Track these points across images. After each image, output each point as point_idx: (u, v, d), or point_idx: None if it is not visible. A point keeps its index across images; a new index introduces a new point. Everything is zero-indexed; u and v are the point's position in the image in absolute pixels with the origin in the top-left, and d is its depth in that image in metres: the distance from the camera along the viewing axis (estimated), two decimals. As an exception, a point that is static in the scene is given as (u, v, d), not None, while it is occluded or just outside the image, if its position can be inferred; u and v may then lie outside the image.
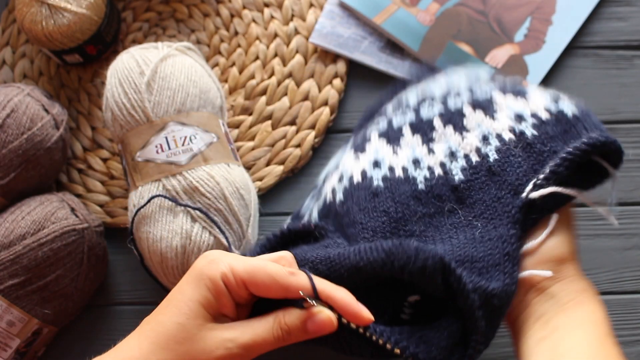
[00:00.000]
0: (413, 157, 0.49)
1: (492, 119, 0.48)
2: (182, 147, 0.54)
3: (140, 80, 0.54)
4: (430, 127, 0.50)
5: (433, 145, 0.49)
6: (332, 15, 0.66)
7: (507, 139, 0.47)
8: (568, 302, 0.43)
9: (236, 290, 0.38)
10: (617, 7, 0.67)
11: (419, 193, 0.47)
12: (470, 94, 0.50)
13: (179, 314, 0.37)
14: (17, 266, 0.52)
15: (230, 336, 0.37)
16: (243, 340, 0.37)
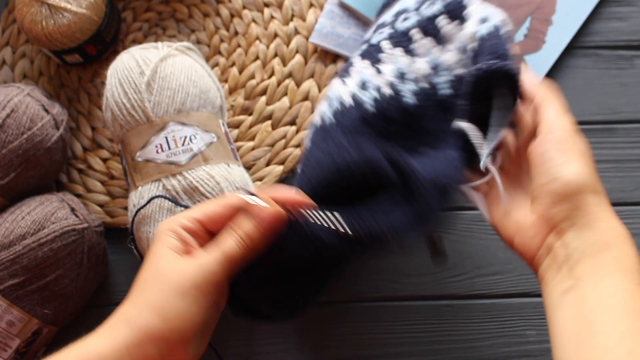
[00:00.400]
0: (359, 81, 0.48)
1: (440, 47, 0.49)
2: (182, 147, 0.54)
3: (140, 80, 0.54)
4: (409, 39, 0.49)
5: (380, 66, 0.48)
6: (332, 15, 0.66)
7: (455, 75, 0.48)
8: (593, 244, 0.38)
9: (196, 232, 0.40)
10: (617, 7, 0.67)
11: (368, 116, 0.46)
12: (443, 3, 0.49)
13: (153, 261, 0.39)
14: (17, 266, 0.52)
15: (202, 259, 0.38)
16: (212, 258, 0.38)
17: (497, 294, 0.59)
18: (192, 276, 0.37)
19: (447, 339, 0.58)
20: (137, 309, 0.38)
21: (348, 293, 0.59)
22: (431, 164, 0.43)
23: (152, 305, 0.37)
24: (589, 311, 0.36)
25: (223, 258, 0.38)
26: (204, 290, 0.37)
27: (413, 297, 0.59)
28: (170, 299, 0.37)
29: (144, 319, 0.37)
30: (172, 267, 0.38)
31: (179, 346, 0.37)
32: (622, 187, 0.62)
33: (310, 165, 0.44)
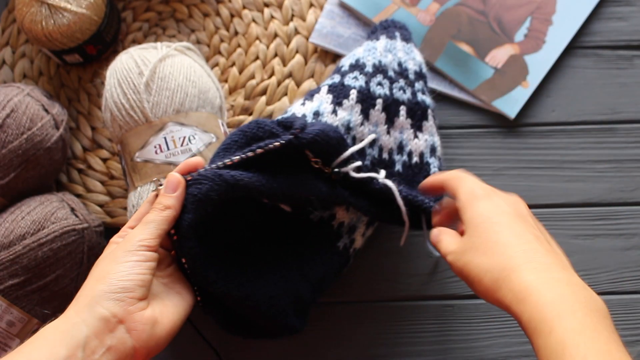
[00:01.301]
0: (348, 122, 0.54)
1: (414, 135, 0.57)
2: (180, 148, 0.54)
3: (139, 80, 0.54)
4: (372, 105, 0.55)
5: (338, 109, 0.54)
6: (332, 15, 0.66)
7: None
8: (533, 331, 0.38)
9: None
10: (617, 7, 0.67)
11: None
12: (410, 96, 0.57)
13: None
14: (17, 266, 0.52)
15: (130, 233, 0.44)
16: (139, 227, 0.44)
17: (497, 294, 0.59)
18: (122, 246, 0.43)
19: (447, 339, 0.58)
20: (83, 287, 0.43)
21: (348, 294, 0.59)
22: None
23: (94, 277, 0.42)
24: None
25: (144, 223, 0.44)
26: (134, 252, 0.43)
27: (413, 297, 0.59)
28: (107, 266, 0.42)
29: (88, 289, 0.42)
30: (107, 252, 0.45)
31: (130, 305, 0.41)
32: (622, 187, 0.62)
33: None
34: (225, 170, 0.45)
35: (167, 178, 0.45)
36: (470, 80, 0.64)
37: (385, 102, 0.55)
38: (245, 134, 0.48)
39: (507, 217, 0.44)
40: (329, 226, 0.54)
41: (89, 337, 0.39)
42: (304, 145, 0.48)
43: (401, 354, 0.58)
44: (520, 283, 0.39)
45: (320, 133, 0.48)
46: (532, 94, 0.64)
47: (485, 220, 0.44)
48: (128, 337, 0.40)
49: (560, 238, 0.60)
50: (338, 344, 0.58)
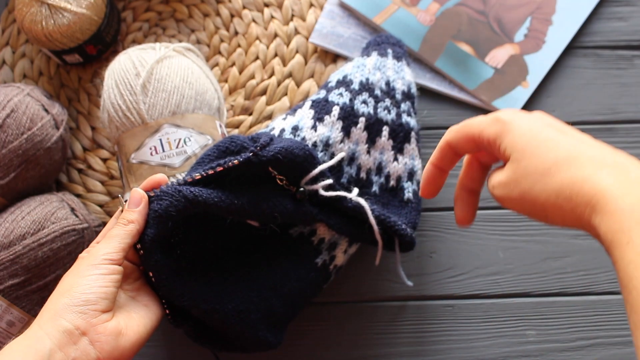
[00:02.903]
0: (327, 138, 0.54)
1: (394, 158, 0.56)
2: (176, 150, 0.54)
3: (135, 81, 0.54)
4: (355, 122, 0.55)
5: (319, 124, 0.54)
6: (332, 15, 0.66)
7: (389, 185, 0.56)
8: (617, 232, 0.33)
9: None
10: (617, 7, 0.67)
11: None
12: (395, 117, 0.57)
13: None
14: (17, 266, 0.52)
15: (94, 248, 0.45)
16: (103, 242, 0.45)
17: (497, 294, 0.59)
18: (87, 260, 0.44)
19: (447, 339, 0.58)
20: (48, 300, 0.43)
21: (348, 293, 0.59)
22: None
23: (59, 291, 0.43)
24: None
25: (108, 238, 0.45)
26: (98, 266, 0.43)
27: (413, 297, 0.59)
28: (72, 280, 0.43)
29: (52, 302, 0.42)
30: (74, 267, 0.45)
31: (93, 317, 0.42)
32: (622, 187, 0.62)
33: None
34: (186, 186, 0.46)
35: (130, 194, 0.47)
36: (470, 80, 0.64)
37: (368, 121, 0.55)
38: (219, 148, 0.49)
39: (552, 129, 0.39)
40: (309, 242, 0.53)
41: (53, 350, 0.40)
42: (265, 162, 0.47)
43: (401, 354, 0.58)
44: (596, 192, 0.34)
45: (283, 151, 0.48)
46: (532, 94, 0.64)
47: (533, 138, 0.38)
48: (92, 348, 0.41)
49: (560, 238, 0.61)
50: (338, 344, 0.58)
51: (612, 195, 0.34)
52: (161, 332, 0.56)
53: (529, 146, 0.38)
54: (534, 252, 0.60)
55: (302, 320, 0.58)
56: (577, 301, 0.59)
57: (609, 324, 0.58)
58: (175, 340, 0.58)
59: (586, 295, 0.59)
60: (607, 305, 0.59)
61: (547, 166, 0.37)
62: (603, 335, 0.58)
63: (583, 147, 0.37)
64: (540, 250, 0.60)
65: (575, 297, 0.59)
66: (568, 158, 0.37)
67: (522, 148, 0.38)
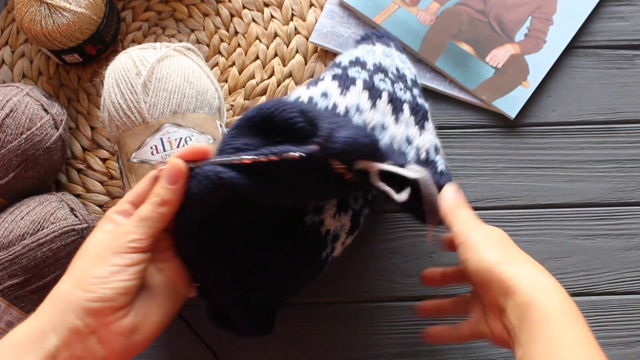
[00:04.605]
0: (357, 105, 0.50)
1: (419, 133, 0.52)
2: (177, 149, 0.53)
3: (136, 81, 0.54)
4: (379, 95, 0.52)
5: (347, 92, 0.51)
6: (332, 14, 0.66)
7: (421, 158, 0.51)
8: (520, 306, 0.39)
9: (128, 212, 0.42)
10: (618, 7, 0.67)
11: None
12: (410, 98, 0.54)
13: (86, 243, 0.41)
14: (16, 266, 0.52)
15: (120, 228, 0.40)
16: (132, 223, 0.40)
17: (498, 294, 0.59)
18: (110, 244, 0.39)
19: (447, 339, 0.58)
20: (59, 285, 0.39)
21: (348, 293, 0.59)
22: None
23: (72, 277, 0.38)
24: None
25: (137, 220, 0.40)
26: (122, 255, 0.38)
27: (413, 297, 0.59)
28: (88, 268, 0.38)
29: (63, 291, 0.38)
30: (94, 242, 0.40)
31: (107, 315, 0.37)
32: (623, 187, 0.62)
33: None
34: (229, 170, 0.41)
35: (169, 164, 0.41)
36: (470, 80, 0.64)
37: (391, 96, 0.52)
38: (260, 112, 0.44)
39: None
40: (318, 232, 0.51)
41: (59, 348, 0.37)
42: (330, 156, 0.41)
43: (401, 354, 0.58)
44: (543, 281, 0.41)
45: (350, 141, 0.41)
46: (532, 93, 0.64)
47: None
48: (100, 348, 0.38)
49: (560, 238, 0.60)
50: (337, 344, 0.58)
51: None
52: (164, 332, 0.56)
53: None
54: (535, 252, 0.60)
55: (302, 320, 0.58)
56: (577, 301, 0.58)
57: (609, 324, 0.58)
58: (176, 340, 0.58)
59: (587, 296, 0.59)
60: (607, 305, 0.59)
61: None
62: (604, 336, 0.58)
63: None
64: (541, 250, 0.60)
65: (575, 297, 0.59)
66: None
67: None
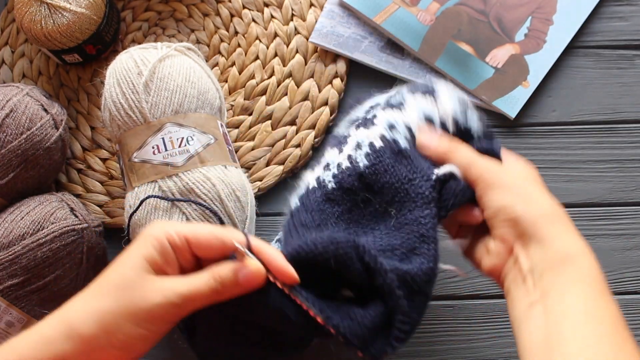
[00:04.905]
0: (325, 164, 0.49)
1: (400, 112, 0.48)
2: (178, 149, 0.53)
3: (138, 80, 0.54)
4: (346, 136, 0.50)
5: (343, 147, 0.49)
6: (332, 14, 0.66)
7: (415, 129, 0.47)
8: (555, 257, 0.40)
9: (180, 249, 0.39)
10: (618, 7, 0.67)
11: (330, 193, 0.47)
12: (386, 102, 0.51)
13: (123, 265, 0.39)
14: (16, 266, 0.52)
15: (169, 285, 0.38)
16: (180, 290, 0.38)
17: (497, 294, 0.59)
18: (152, 304, 0.37)
19: (447, 339, 0.58)
20: (84, 315, 0.37)
21: (348, 293, 0.59)
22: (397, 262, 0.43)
23: (101, 317, 0.37)
24: (554, 322, 0.38)
25: (187, 292, 0.38)
26: (156, 321, 0.38)
27: (413, 298, 0.59)
28: (120, 318, 0.37)
29: (87, 329, 0.37)
30: (137, 284, 0.38)
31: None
32: (623, 187, 0.62)
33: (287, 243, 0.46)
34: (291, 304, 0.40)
35: (255, 270, 0.39)
36: (470, 80, 0.64)
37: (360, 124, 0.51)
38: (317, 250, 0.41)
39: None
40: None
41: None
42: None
43: (401, 355, 0.58)
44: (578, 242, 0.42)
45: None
46: (532, 93, 0.64)
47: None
48: None
49: (561, 238, 0.60)
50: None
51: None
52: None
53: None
54: (535, 252, 0.60)
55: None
56: (577, 301, 0.59)
57: (609, 325, 0.58)
58: (176, 340, 0.58)
59: (587, 296, 0.59)
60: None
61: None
62: (604, 336, 0.58)
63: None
64: (541, 250, 0.60)
65: (575, 298, 0.59)
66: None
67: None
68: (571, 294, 0.39)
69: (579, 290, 0.39)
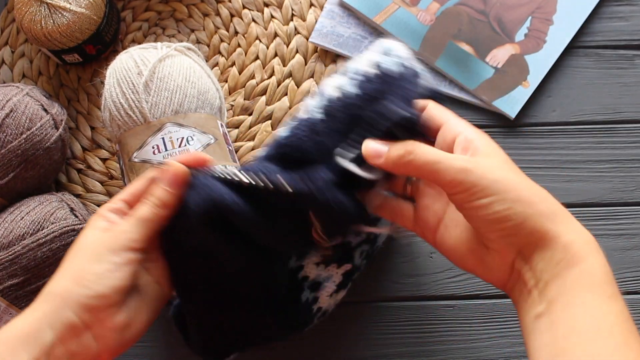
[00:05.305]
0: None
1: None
2: (179, 149, 0.53)
3: (138, 80, 0.54)
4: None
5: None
6: (332, 15, 0.66)
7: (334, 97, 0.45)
8: (558, 263, 0.37)
9: (122, 210, 0.42)
10: (618, 7, 0.67)
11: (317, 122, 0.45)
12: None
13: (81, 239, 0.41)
14: (16, 266, 0.52)
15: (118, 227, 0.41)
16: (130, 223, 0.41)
17: (498, 294, 0.59)
18: (107, 242, 0.39)
19: (447, 339, 0.58)
20: (55, 280, 0.39)
21: (348, 294, 0.59)
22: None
23: (69, 273, 0.39)
24: (562, 337, 0.35)
25: (135, 220, 0.40)
26: (119, 253, 0.39)
27: (413, 297, 0.59)
28: (86, 265, 0.39)
29: (60, 287, 0.39)
30: (90, 239, 0.40)
31: (102, 311, 0.38)
32: (623, 187, 0.62)
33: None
34: (225, 187, 0.41)
35: (174, 168, 0.41)
36: (470, 80, 0.64)
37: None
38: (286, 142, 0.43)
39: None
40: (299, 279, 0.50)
41: (55, 344, 0.37)
42: (313, 206, 0.41)
43: (401, 355, 0.58)
44: (586, 234, 0.38)
45: (338, 202, 0.41)
46: (532, 93, 0.64)
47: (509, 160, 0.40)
48: (94, 344, 0.38)
49: (561, 238, 0.60)
50: (338, 344, 0.58)
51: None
52: (161, 332, 0.56)
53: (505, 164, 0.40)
54: (535, 252, 0.60)
55: (302, 321, 0.58)
56: (577, 301, 0.59)
57: (609, 325, 0.58)
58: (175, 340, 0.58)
59: (587, 296, 0.59)
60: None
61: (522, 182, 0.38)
62: (604, 336, 0.58)
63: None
64: (541, 250, 0.60)
65: (575, 298, 0.59)
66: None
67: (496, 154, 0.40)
68: (578, 304, 0.36)
69: (587, 299, 0.36)
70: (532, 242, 0.37)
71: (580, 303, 0.36)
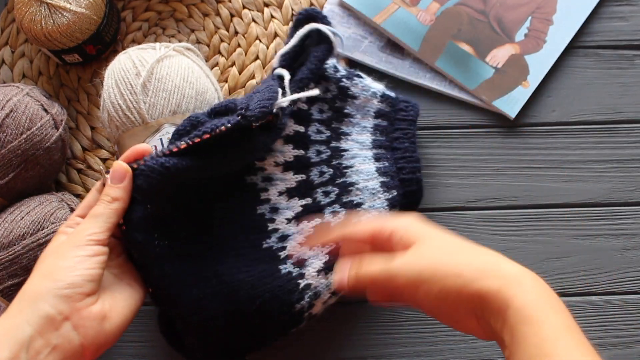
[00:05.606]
0: None
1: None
2: None
3: (136, 81, 0.54)
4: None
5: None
6: (332, 15, 0.66)
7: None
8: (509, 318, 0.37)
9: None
10: (618, 7, 0.67)
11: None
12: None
13: (48, 246, 0.45)
14: (16, 266, 0.52)
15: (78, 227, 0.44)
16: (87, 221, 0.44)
17: (498, 294, 0.59)
18: (70, 241, 0.42)
19: (447, 339, 0.58)
20: (28, 282, 0.41)
21: (348, 293, 0.59)
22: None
23: (40, 273, 0.41)
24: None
25: (92, 217, 0.44)
26: (83, 247, 0.42)
27: (413, 298, 0.59)
28: (54, 262, 0.41)
29: (33, 285, 0.41)
30: (54, 245, 0.43)
31: (77, 300, 0.40)
32: (623, 187, 0.62)
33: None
34: (171, 159, 0.45)
35: (113, 167, 0.45)
36: (470, 80, 0.64)
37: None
38: (179, 133, 0.48)
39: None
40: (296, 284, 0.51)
41: (33, 337, 0.38)
42: (252, 122, 0.47)
43: (401, 354, 0.58)
44: (511, 271, 0.39)
45: (264, 102, 0.49)
46: (532, 93, 0.64)
47: (436, 235, 0.43)
48: (75, 334, 0.39)
49: (560, 238, 0.60)
50: (338, 344, 0.58)
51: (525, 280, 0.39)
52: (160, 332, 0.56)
53: (436, 237, 0.43)
54: (535, 252, 0.60)
55: (302, 321, 0.58)
56: (577, 301, 0.59)
57: (610, 324, 0.58)
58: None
59: (587, 296, 0.59)
60: (607, 305, 0.59)
61: (456, 248, 0.42)
62: (604, 336, 0.58)
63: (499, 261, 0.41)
64: (541, 250, 0.60)
65: (575, 298, 0.59)
66: (478, 249, 0.42)
67: (428, 237, 0.43)
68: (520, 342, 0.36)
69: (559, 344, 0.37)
70: (477, 304, 0.38)
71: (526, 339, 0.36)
